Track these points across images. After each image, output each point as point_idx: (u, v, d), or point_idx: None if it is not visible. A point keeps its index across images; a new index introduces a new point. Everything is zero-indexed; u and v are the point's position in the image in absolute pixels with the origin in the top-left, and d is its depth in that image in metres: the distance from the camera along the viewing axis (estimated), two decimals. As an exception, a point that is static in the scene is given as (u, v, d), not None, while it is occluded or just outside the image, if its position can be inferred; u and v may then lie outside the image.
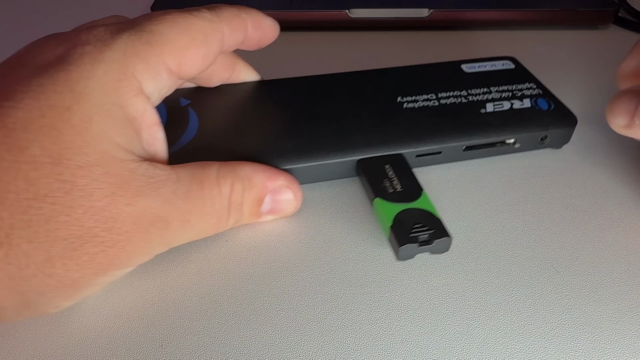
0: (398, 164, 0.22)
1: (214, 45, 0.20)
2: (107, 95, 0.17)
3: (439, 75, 0.27)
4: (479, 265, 0.20)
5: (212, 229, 0.20)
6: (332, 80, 0.27)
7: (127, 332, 0.18)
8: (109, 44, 0.18)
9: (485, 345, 0.18)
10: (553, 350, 0.18)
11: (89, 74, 0.17)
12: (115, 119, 0.17)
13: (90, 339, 0.18)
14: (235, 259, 0.21)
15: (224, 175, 0.19)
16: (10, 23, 0.40)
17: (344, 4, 0.38)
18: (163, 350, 0.18)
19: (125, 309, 0.19)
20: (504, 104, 0.25)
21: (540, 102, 0.25)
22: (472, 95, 0.26)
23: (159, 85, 0.19)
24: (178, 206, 0.18)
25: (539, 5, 0.38)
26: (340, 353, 0.18)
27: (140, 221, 0.17)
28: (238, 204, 0.20)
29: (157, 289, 0.20)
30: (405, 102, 0.25)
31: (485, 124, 0.24)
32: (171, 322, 0.19)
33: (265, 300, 0.19)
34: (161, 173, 0.18)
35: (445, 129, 0.24)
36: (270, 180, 0.21)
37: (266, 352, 0.18)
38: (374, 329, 0.18)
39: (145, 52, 0.18)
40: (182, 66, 0.19)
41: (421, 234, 0.20)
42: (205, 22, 0.20)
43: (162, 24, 0.19)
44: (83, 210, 0.16)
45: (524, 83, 0.27)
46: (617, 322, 0.19)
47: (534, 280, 0.20)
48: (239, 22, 0.21)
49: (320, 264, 0.21)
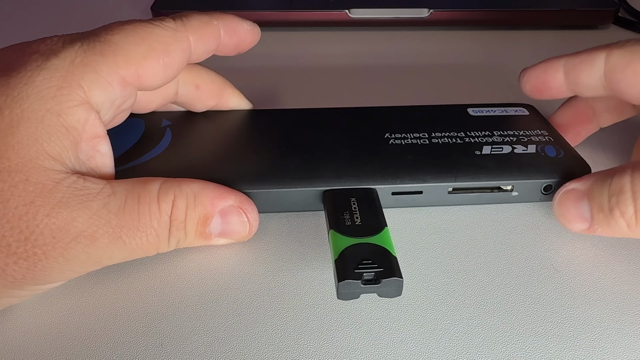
0: (367, 198, 0.20)
1: (177, 55, 0.19)
2: (44, 102, 0.16)
3: (439, 116, 0.25)
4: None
5: (149, 248, 0.18)
6: (325, 113, 0.25)
7: (128, 332, 0.18)
8: (57, 53, 0.17)
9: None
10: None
11: (28, 80, 0.17)
12: (48, 127, 0.16)
13: (90, 339, 0.18)
14: (235, 260, 0.21)
15: (166, 191, 0.18)
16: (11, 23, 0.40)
17: (344, 4, 0.38)
18: (163, 350, 0.18)
19: (125, 309, 0.19)
20: (504, 147, 0.23)
21: (548, 149, 0.22)
22: (470, 137, 0.23)
23: (111, 96, 0.18)
24: (108, 221, 0.17)
25: (539, 5, 0.38)
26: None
27: (59, 235, 0.16)
28: (180, 222, 0.18)
29: (158, 289, 0.20)
30: (393, 139, 0.23)
31: (476, 166, 0.22)
32: (171, 322, 0.19)
33: (265, 300, 0.19)
34: (92, 186, 0.17)
35: (427, 167, 0.22)
36: (220, 199, 0.19)
37: (266, 352, 0.18)
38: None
39: (96, 62, 0.17)
40: (141, 77, 0.18)
41: (368, 271, 0.17)
42: (167, 32, 0.19)
43: (119, 34, 0.18)
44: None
45: (534, 130, 0.24)
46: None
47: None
48: (209, 30, 0.20)
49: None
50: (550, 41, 0.38)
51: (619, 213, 0.18)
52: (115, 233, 0.17)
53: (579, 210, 0.20)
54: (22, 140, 0.16)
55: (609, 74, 0.21)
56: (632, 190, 0.18)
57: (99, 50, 0.18)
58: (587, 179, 0.20)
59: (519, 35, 0.38)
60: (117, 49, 0.18)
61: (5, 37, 0.38)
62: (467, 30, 0.39)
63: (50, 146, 0.16)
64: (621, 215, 0.18)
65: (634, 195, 0.17)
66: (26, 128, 0.16)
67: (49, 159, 0.16)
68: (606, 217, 0.18)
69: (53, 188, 0.16)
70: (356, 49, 0.37)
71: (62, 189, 0.16)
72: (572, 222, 0.20)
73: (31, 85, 0.17)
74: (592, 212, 0.19)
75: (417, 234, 0.22)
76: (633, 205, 0.18)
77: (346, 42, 0.37)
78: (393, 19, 0.38)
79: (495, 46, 0.37)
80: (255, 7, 0.38)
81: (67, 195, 0.16)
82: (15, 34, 0.39)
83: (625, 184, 0.18)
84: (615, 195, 0.18)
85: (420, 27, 0.38)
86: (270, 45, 0.37)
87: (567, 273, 0.20)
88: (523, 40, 0.38)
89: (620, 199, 0.18)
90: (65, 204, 0.16)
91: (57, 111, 0.17)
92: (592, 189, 0.19)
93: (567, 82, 0.23)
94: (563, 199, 0.20)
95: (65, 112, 0.17)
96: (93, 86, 0.17)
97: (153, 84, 0.19)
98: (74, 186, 0.17)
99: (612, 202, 0.18)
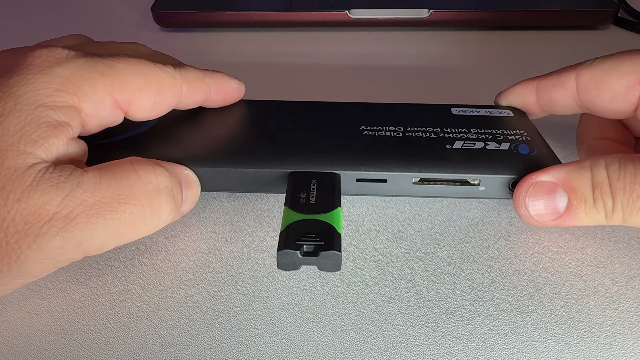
0: (327, 182, 0.21)
1: (168, 98, 0.20)
2: (39, 98, 0.17)
3: (421, 113, 0.25)
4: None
5: (135, 222, 0.18)
6: (309, 106, 0.26)
7: (128, 333, 0.18)
8: (61, 63, 0.18)
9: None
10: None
11: (28, 81, 0.17)
12: (38, 118, 0.17)
13: (90, 340, 0.18)
14: (235, 260, 0.21)
15: (141, 164, 0.18)
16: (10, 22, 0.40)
17: (344, 4, 0.38)
18: (163, 350, 0.18)
19: (125, 309, 0.19)
20: (476, 143, 0.23)
21: (522, 147, 0.22)
22: (445, 132, 0.23)
23: (100, 112, 0.19)
24: (84, 199, 0.16)
25: (539, 5, 0.38)
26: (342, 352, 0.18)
27: (31, 220, 0.16)
28: (169, 188, 0.19)
29: (158, 289, 0.20)
30: (367, 131, 0.23)
31: (443, 159, 0.22)
32: (171, 322, 0.19)
33: (265, 300, 0.19)
34: (65, 169, 0.17)
35: (394, 156, 0.22)
36: (178, 168, 0.20)
37: (266, 352, 0.18)
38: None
39: (94, 79, 0.18)
40: (131, 105, 0.19)
41: (308, 243, 0.17)
42: (166, 75, 0.20)
43: (123, 63, 0.19)
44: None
45: (514, 130, 0.24)
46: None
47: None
48: (200, 85, 0.22)
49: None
50: (550, 42, 0.38)
51: (602, 204, 0.19)
52: (94, 210, 0.17)
53: (551, 202, 0.20)
54: (9, 128, 0.16)
55: (582, 94, 0.22)
56: (610, 184, 0.19)
57: (101, 70, 0.18)
58: (557, 171, 0.20)
59: (519, 36, 0.38)
60: (117, 74, 0.19)
61: (4, 36, 0.38)
62: (467, 31, 0.39)
63: (36, 133, 0.17)
64: (604, 206, 0.19)
65: (612, 191, 0.19)
66: (16, 117, 0.17)
67: (31, 145, 0.17)
68: (589, 208, 0.19)
69: (25, 172, 0.16)
70: (356, 49, 0.37)
71: (34, 172, 0.16)
72: (542, 216, 0.20)
73: (30, 86, 0.17)
74: (573, 203, 0.19)
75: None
76: (611, 197, 0.19)
77: (346, 42, 0.37)
78: (393, 20, 0.38)
79: (495, 47, 0.37)
80: (255, 7, 0.38)
81: (37, 178, 0.16)
82: (15, 33, 0.39)
83: (604, 177, 0.19)
84: (598, 187, 0.19)
85: (420, 27, 0.39)
86: (270, 46, 0.37)
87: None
88: (523, 41, 0.38)
89: (604, 190, 0.19)
90: (35, 187, 0.16)
91: (51, 106, 0.17)
92: (571, 181, 0.19)
93: (539, 104, 0.24)
94: (534, 193, 0.20)
95: (58, 109, 0.17)
96: (87, 98, 0.18)
97: (139, 116, 0.20)
98: (46, 170, 0.17)
99: (596, 194, 0.19)
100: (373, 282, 0.20)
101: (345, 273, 0.20)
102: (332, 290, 0.20)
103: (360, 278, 0.20)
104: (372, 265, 0.21)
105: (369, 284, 0.20)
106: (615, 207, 0.19)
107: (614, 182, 0.18)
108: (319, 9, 0.38)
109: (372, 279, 0.20)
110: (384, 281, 0.20)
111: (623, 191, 0.18)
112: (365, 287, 0.20)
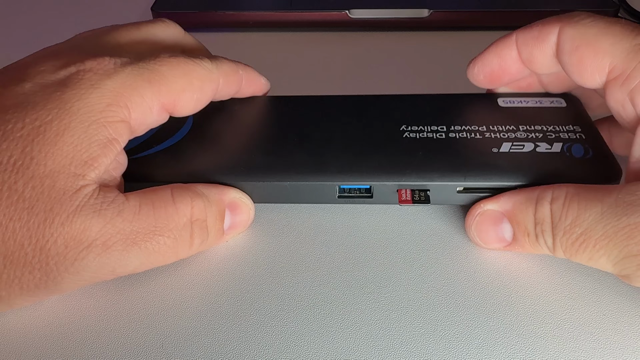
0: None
1: (208, 93, 0.21)
2: (92, 114, 0.17)
3: (465, 107, 0.23)
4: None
5: (167, 252, 0.18)
6: (345, 101, 0.24)
7: (128, 333, 0.18)
8: (110, 75, 0.18)
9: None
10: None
11: (82, 96, 0.18)
12: (91, 135, 0.17)
13: (91, 341, 0.18)
14: (235, 260, 0.21)
15: (180, 194, 0.19)
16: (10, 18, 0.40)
17: (344, 4, 0.38)
18: (163, 351, 0.18)
19: (126, 310, 0.19)
20: (525, 145, 0.21)
21: (576, 149, 0.21)
22: (491, 131, 0.22)
23: (148, 120, 0.19)
24: (122, 228, 0.17)
25: (539, 5, 0.38)
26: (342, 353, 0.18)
27: (72, 244, 0.16)
28: (202, 221, 0.19)
29: (158, 289, 0.20)
30: (408, 132, 0.22)
31: (490, 166, 0.20)
32: (171, 323, 0.19)
33: (265, 300, 0.19)
34: (108, 195, 0.18)
35: (437, 164, 0.21)
36: (223, 194, 0.20)
37: (266, 352, 0.18)
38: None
39: (142, 88, 0.19)
40: (176, 106, 0.20)
41: None
42: (204, 71, 0.20)
43: (165, 65, 0.19)
44: (20, 225, 0.16)
45: (567, 125, 0.22)
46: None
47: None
48: (235, 78, 0.22)
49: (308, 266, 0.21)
50: (550, 41, 0.38)
51: (543, 241, 0.18)
52: (130, 239, 0.17)
53: (497, 232, 0.20)
54: (63, 148, 0.17)
55: (558, 54, 0.20)
56: (551, 223, 0.18)
57: (147, 77, 0.19)
58: (504, 199, 0.20)
59: (519, 36, 0.38)
60: (162, 78, 0.19)
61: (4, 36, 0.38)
62: (468, 31, 0.39)
63: (87, 153, 0.17)
64: (545, 243, 0.19)
65: (553, 231, 0.18)
66: (70, 136, 0.17)
67: (82, 165, 0.17)
68: (532, 242, 0.19)
69: (73, 195, 0.17)
70: (356, 49, 0.37)
71: (81, 196, 0.17)
72: (489, 243, 0.20)
73: (84, 101, 0.17)
74: (517, 235, 0.19)
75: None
76: (552, 236, 0.18)
77: (346, 43, 0.37)
78: (393, 19, 0.38)
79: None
80: (255, 7, 0.38)
81: (82, 203, 0.17)
82: (16, 34, 0.39)
83: (547, 215, 0.18)
84: (540, 225, 0.18)
85: (420, 27, 0.38)
86: (270, 46, 0.37)
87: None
88: (523, 41, 0.38)
89: (544, 228, 0.18)
90: (80, 212, 0.17)
91: (104, 123, 0.18)
92: (516, 214, 0.19)
93: (521, 59, 0.22)
94: (481, 222, 0.20)
95: (110, 125, 0.18)
96: (138, 109, 0.19)
97: (183, 113, 0.21)
98: (92, 195, 0.17)
99: (538, 230, 0.19)
100: (373, 282, 0.20)
101: (345, 274, 0.20)
102: (332, 290, 0.20)
103: (360, 278, 0.20)
104: (372, 265, 0.21)
105: (369, 284, 0.20)
106: (555, 246, 0.18)
107: (556, 222, 0.18)
108: (319, 9, 0.38)
109: (371, 279, 0.20)
110: (384, 281, 0.20)
111: (563, 232, 0.18)
112: (366, 287, 0.20)
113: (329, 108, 0.24)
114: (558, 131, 0.21)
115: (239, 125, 0.24)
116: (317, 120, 0.23)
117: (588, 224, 0.17)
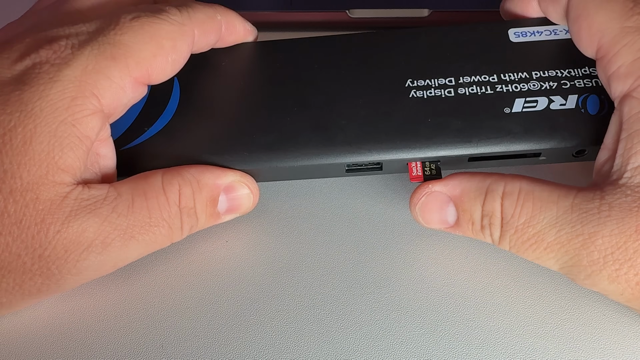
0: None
1: (184, 50, 0.19)
2: (58, 114, 0.16)
3: (474, 45, 0.22)
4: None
5: (164, 240, 0.18)
6: (342, 44, 0.23)
7: (128, 334, 0.18)
8: (68, 62, 0.17)
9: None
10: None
11: (42, 93, 0.16)
12: (62, 138, 0.16)
13: (91, 341, 0.18)
14: (235, 261, 0.21)
15: (169, 182, 0.18)
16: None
17: (344, 4, 0.38)
18: (163, 351, 0.18)
19: (126, 310, 0.19)
20: (539, 101, 0.20)
21: (591, 102, 0.20)
22: (502, 82, 0.20)
23: (124, 100, 0.18)
24: (119, 224, 0.17)
25: (539, 5, 0.38)
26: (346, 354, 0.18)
27: (72, 248, 0.16)
28: (190, 208, 0.19)
29: (158, 290, 0.20)
30: (414, 89, 0.21)
31: (501, 130, 0.19)
32: (171, 323, 0.19)
33: (265, 300, 0.19)
34: (98, 194, 0.17)
35: (447, 131, 0.20)
36: (220, 177, 0.19)
37: (266, 352, 0.18)
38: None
39: (108, 68, 0.17)
40: (151, 75, 0.18)
41: None
42: (174, 27, 0.18)
43: (128, 33, 0.18)
44: (12, 238, 0.16)
45: (583, 67, 0.20)
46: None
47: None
48: (212, 25, 0.20)
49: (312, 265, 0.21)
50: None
51: (489, 233, 0.18)
52: (128, 234, 0.17)
53: (441, 215, 0.19)
54: (35, 157, 0.16)
55: (566, 16, 0.20)
56: (502, 218, 0.18)
57: (110, 54, 0.17)
58: (454, 183, 0.19)
59: (519, 35, 0.38)
60: (127, 50, 0.18)
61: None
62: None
63: (62, 159, 0.17)
64: (490, 235, 0.18)
65: (503, 227, 0.18)
66: (39, 143, 0.16)
67: (60, 173, 0.17)
68: (475, 230, 0.18)
69: (61, 203, 0.16)
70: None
71: (70, 202, 0.17)
72: (431, 224, 0.20)
73: (45, 100, 0.16)
74: (461, 221, 0.19)
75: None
76: (500, 231, 0.18)
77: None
78: (393, 19, 0.38)
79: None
80: (255, 7, 0.38)
81: (75, 208, 0.17)
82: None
83: (497, 209, 0.18)
84: (488, 217, 0.18)
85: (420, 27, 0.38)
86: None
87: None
88: (523, 40, 0.38)
89: (493, 222, 0.18)
90: (74, 217, 0.16)
91: (72, 122, 0.17)
92: (463, 201, 0.18)
93: (541, 9, 0.22)
94: (426, 203, 0.19)
95: (79, 122, 0.17)
96: (106, 94, 0.17)
97: (161, 79, 0.19)
98: (81, 197, 0.17)
99: (485, 222, 0.18)
100: (373, 282, 0.20)
101: (345, 274, 0.20)
102: (332, 290, 0.20)
103: (360, 278, 0.20)
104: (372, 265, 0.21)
105: (369, 284, 0.20)
106: (502, 240, 0.18)
107: (507, 219, 0.17)
108: (319, 9, 0.38)
109: (371, 279, 0.20)
110: (384, 281, 0.20)
111: (515, 229, 0.17)
112: (366, 287, 0.20)
113: (325, 55, 0.22)
114: (573, 77, 0.20)
115: (229, 87, 0.22)
116: (314, 76, 0.22)
117: (542, 227, 0.17)
